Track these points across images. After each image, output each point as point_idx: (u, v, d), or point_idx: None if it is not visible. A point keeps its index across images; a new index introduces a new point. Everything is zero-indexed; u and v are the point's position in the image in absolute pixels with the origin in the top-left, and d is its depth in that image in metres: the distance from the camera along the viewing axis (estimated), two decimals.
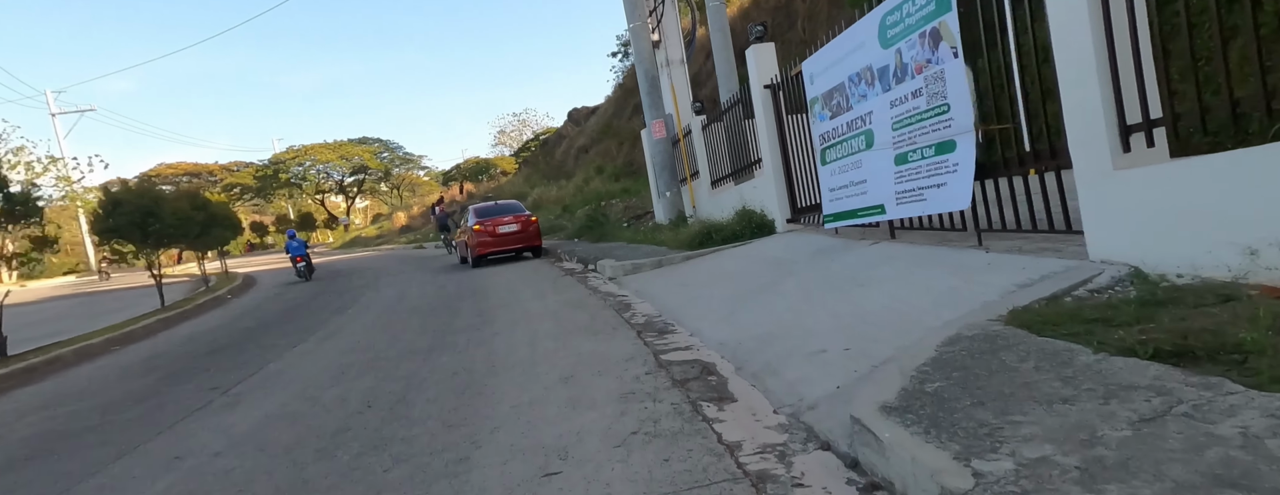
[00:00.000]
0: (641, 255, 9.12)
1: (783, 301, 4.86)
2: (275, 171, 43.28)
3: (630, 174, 25.75)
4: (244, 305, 12.83)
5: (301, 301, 11.77)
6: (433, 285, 11.31)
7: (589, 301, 6.92)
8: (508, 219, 13.32)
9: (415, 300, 9.50)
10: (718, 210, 9.65)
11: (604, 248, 11.57)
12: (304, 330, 8.04)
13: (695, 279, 6.75)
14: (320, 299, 11.79)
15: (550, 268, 11.45)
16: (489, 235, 13.18)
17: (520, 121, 58.88)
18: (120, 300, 17.76)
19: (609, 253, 10.21)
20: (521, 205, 14.26)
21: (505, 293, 8.82)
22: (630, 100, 31.08)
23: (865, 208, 5.58)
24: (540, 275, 10.37)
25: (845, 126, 5.81)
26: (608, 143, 30.59)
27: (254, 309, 11.78)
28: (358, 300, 10.73)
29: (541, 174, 34.01)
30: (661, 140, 10.36)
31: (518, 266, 12.64)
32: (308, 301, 11.63)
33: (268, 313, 10.78)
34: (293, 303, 11.79)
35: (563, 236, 17.28)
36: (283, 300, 12.56)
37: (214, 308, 12.96)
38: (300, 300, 12.03)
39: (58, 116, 45.11)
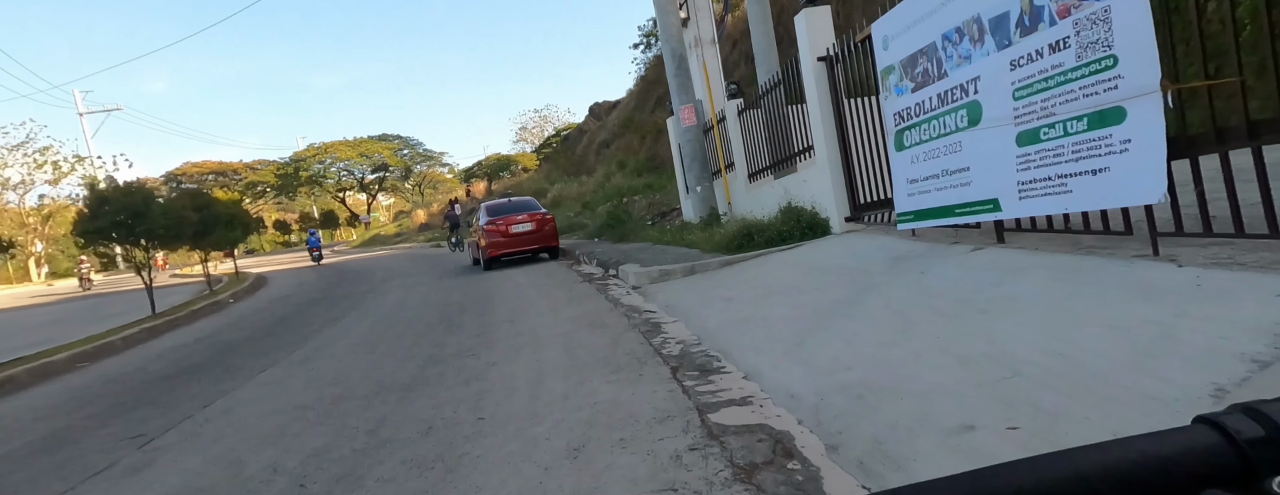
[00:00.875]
0: (670, 259, 7.87)
1: (868, 329, 3.58)
2: (296, 169, 42.71)
3: (653, 169, 24.51)
4: (241, 311, 11.82)
5: (297, 309, 10.71)
6: (437, 291, 10.17)
7: (609, 319, 5.69)
8: (522, 217, 12.14)
9: (414, 310, 8.35)
10: (756, 207, 8.36)
11: (627, 249, 10.33)
12: (284, 347, 6.93)
13: (740, 292, 5.47)
14: (317, 306, 10.72)
15: (567, 272, 10.24)
16: (501, 235, 12.01)
17: (541, 118, 57.89)
18: (128, 303, 16.98)
19: (633, 256, 8.98)
20: (537, 203, 13.09)
21: (514, 303, 7.63)
22: (653, 93, 29.83)
23: (967, 204, 4.26)
24: (555, 281, 9.16)
25: (934, 100, 4.49)
26: (629, 137, 29.34)
27: (247, 317, 10.74)
28: (356, 308, 9.63)
29: (562, 170, 32.90)
30: (691, 128, 9.09)
31: (532, 269, 11.46)
32: (303, 309, 10.57)
33: (258, 322, 9.73)
34: (288, 310, 10.74)
35: (582, 235, 16.08)
36: (280, 307, 11.52)
37: (209, 314, 11.97)
38: (297, 307, 10.97)
39: (85, 116, 45.06)
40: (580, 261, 11.31)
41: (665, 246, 9.38)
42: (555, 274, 10.14)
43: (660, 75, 30.49)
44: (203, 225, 15.36)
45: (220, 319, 11.03)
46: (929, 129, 4.59)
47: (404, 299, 9.90)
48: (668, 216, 12.94)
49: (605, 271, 9.02)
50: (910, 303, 3.76)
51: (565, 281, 8.94)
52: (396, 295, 10.58)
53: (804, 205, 7.01)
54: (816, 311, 4.23)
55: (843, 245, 5.92)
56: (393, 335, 6.59)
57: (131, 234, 11.01)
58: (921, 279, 4.13)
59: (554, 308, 6.76)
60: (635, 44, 30.93)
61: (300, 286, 15.83)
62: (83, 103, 44.72)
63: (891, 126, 5.16)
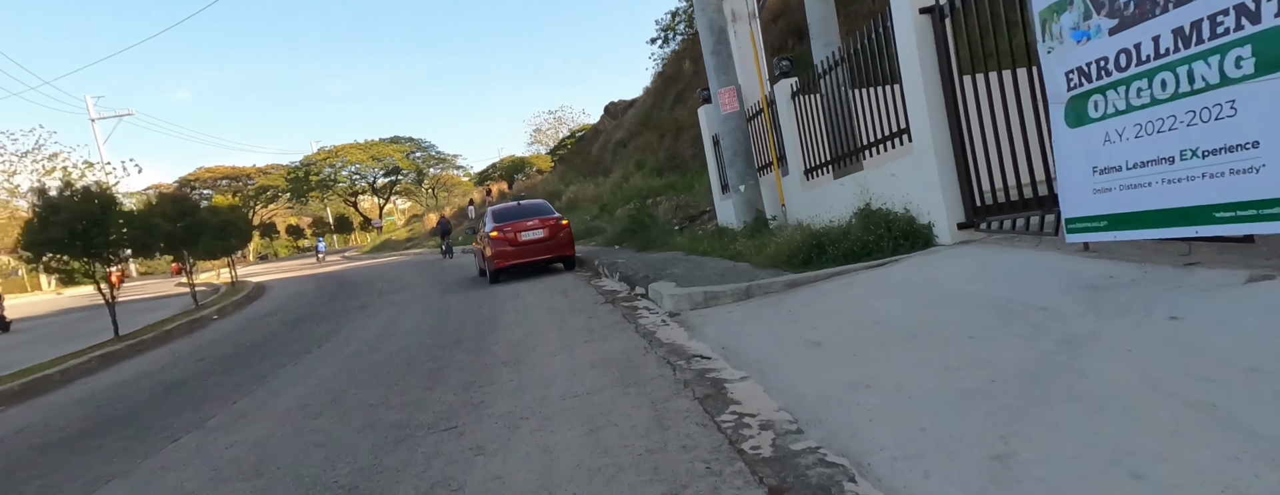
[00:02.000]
0: (713, 276, 6.22)
1: (1144, 432, 1.91)
2: (306, 173, 41.56)
3: (674, 168, 22.86)
4: (214, 333, 10.32)
5: (274, 332, 9.17)
6: (433, 313, 8.57)
7: (647, 368, 4.05)
8: (532, 223, 10.54)
9: (400, 340, 6.76)
10: (818, 209, 6.69)
11: (655, 261, 8.68)
12: (227, 393, 5.37)
13: (832, 330, 3.80)
14: (298, 328, 9.18)
15: (584, 288, 8.61)
16: (509, 244, 10.42)
17: (556, 119, 56.53)
18: None
19: (664, 269, 7.33)
20: (549, 206, 11.48)
21: (518, 332, 6.01)
22: (671, 89, 28.22)
23: (1244, 203, 2.58)
24: (570, 301, 7.53)
25: (1170, 39, 2.81)
26: (647, 136, 27.74)
27: (216, 341, 9.22)
28: (338, 331, 8.07)
29: (577, 171, 31.36)
30: (733, 116, 7.43)
31: (544, 283, 9.84)
32: (281, 332, 9.03)
33: (222, 350, 8.19)
34: (264, 333, 9.21)
35: (600, 241, 14.45)
36: (258, 327, 10.00)
37: (180, 336, 10.47)
38: (275, 329, 9.45)
39: (97, 122, 44.24)
40: (600, 274, 9.67)
41: (701, 257, 7.72)
42: (571, 290, 8.52)
43: (679, 71, 28.87)
44: (188, 233, 13.94)
45: (187, 343, 9.53)
46: (1155, 86, 2.90)
47: (394, 321, 8.32)
48: (697, 221, 11.28)
49: (631, 289, 7.38)
50: (1198, 375, 2.08)
51: (583, 302, 7.31)
52: (387, 315, 9.02)
53: (893, 208, 5.33)
54: (996, 380, 2.56)
55: (970, 263, 4.23)
56: (361, 383, 5.00)
57: (89, 245, 9.53)
58: (1180, 330, 2.44)
59: (569, 344, 5.13)
60: (653, 39, 29.38)
61: (292, 299, 14.35)
62: (94, 108, 43.88)
63: (1061, 91, 3.47)
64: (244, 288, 18.27)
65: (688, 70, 27.30)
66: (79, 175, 36.39)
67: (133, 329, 11.23)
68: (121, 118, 44.85)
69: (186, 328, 11.30)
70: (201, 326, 11.57)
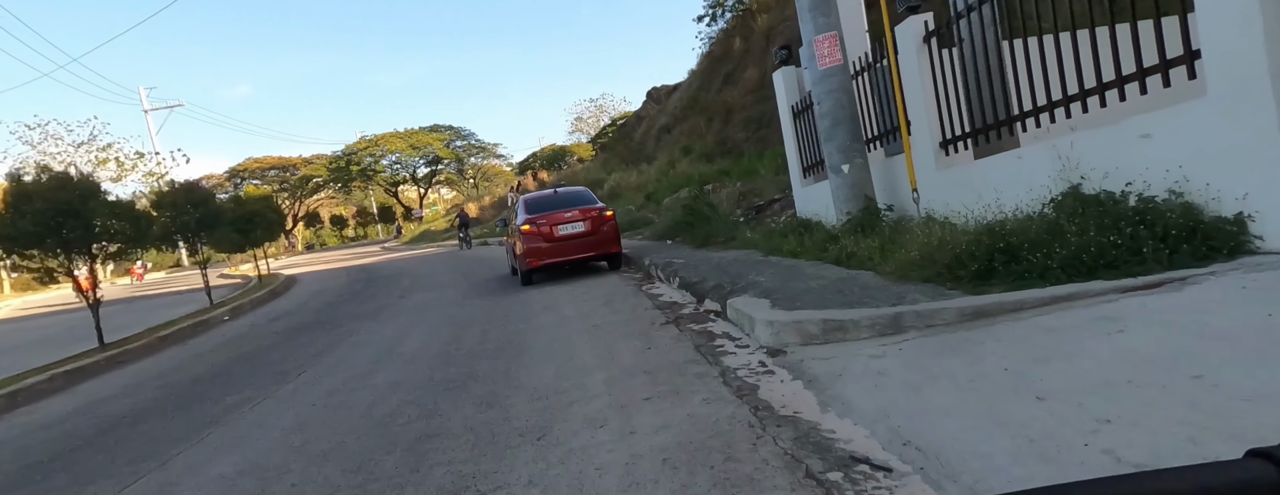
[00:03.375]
0: (822, 289, 4.33)
1: None
2: (347, 163, 40.77)
3: (724, 153, 20.85)
4: (208, 342, 8.87)
5: (264, 348, 7.64)
6: (448, 325, 6.87)
7: (763, 477, 2.21)
8: (571, 215, 8.76)
9: (394, 373, 5.06)
10: (968, 196, 4.71)
11: (724, 262, 6.80)
12: (144, 456, 3.75)
13: (1132, 414, 1.87)
14: (295, 341, 7.64)
15: (635, 295, 6.80)
16: (543, 239, 8.67)
17: (597, 107, 54.87)
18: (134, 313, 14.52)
19: (744, 276, 5.45)
20: (591, 194, 9.69)
21: (548, 374, 4.22)
22: (720, 70, 26.14)
23: None
24: (620, 318, 5.72)
25: None
26: (694, 120, 25.75)
27: (199, 357, 7.74)
28: (328, 352, 6.46)
29: (619, 158, 29.56)
30: (833, 72, 5.42)
31: (585, 287, 8.07)
32: (271, 348, 7.49)
33: (194, 371, 6.67)
34: (253, 348, 7.69)
35: (648, 235, 12.62)
36: (252, 339, 8.50)
37: (171, 345, 9.06)
38: (267, 344, 7.92)
39: (150, 113, 44.29)
40: (652, 276, 7.86)
41: (789, 260, 5.82)
42: (618, 299, 6.72)
43: (728, 50, 26.67)
44: (200, 224, 12.63)
45: (170, 357, 8.07)
46: None
47: (401, 337, 6.67)
48: (766, 211, 9.35)
49: (698, 303, 5.54)
50: None
51: (635, 319, 5.49)
52: (397, 327, 7.38)
53: (1150, 192, 3.34)
54: None
55: None
56: (314, 456, 3.29)
57: (60, 239, 8.14)
58: None
59: (622, 402, 3.32)
60: (699, 17, 27.19)
61: (313, 298, 12.94)
62: (147, 99, 43.88)
63: None
64: (273, 281, 17.07)
65: (738, 49, 25.16)
66: (131, 166, 35.51)
67: (133, 333, 9.94)
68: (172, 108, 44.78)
69: (188, 332, 9.93)
70: (203, 330, 10.18)
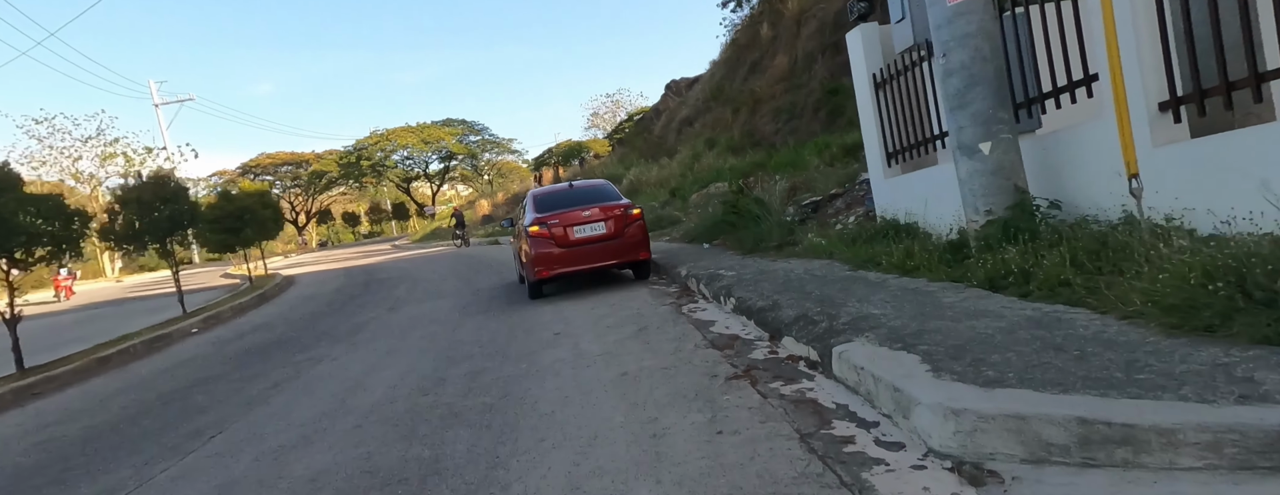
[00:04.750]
0: (994, 332, 2.61)
1: None
2: (358, 158, 39.39)
3: (753, 145, 19.08)
4: (156, 365, 7.29)
5: (200, 381, 6.02)
6: (429, 360, 5.18)
7: None
8: (589, 214, 7.06)
9: (341, 439, 3.39)
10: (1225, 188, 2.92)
11: (794, 277, 5.06)
12: None
13: None
14: (244, 370, 6.04)
15: (675, 320, 5.09)
16: (556, 243, 6.98)
17: (613, 102, 53.17)
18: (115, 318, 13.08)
19: (837, 302, 3.72)
20: (613, 188, 8.00)
21: (560, 460, 2.52)
22: (745, 58, 24.32)
23: None
24: (659, 358, 4.00)
25: None
26: (718, 111, 23.98)
27: (115, 396, 6.14)
28: (270, 397, 4.82)
29: (638, 153, 27.85)
30: (969, 8, 3.67)
31: (608, 304, 6.37)
32: (208, 383, 5.87)
33: (88, 422, 5.06)
34: (185, 383, 6.07)
35: (677, 236, 10.90)
36: (197, 367, 6.89)
37: (98, 373, 7.48)
38: (208, 376, 6.30)
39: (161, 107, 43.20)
40: (691, 292, 6.14)
41: (901, 277, 4.08)
42: (654, 326, 5.01)
43: (754, 38, 24.73)
44: (170, 223, 11.09)
45: (79, 397, 6.49)
46: None
47: (366, 376, 5.01)
48: (826, 209, 7.58)
49: (773, 340, 3.82)
50: None
51: (685, 367, 3.78)
52: (368, 358, 5.73)
53: None
54: None
55: None
56: None
57: None
58: None
59: None
60: (724, 2, 25.37)
61: (296, 307, 11.39)
62: (158, 93, 42.77)
63: None
64: (266, 284, 15.56)
65: (765, 36, 23.33)
66: (140, 161, 34.30)
67: (78, 350, 8.42)
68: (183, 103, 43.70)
69: (140, 350, 8.37)
70: (160, 347, 8.63)
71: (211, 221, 15.07)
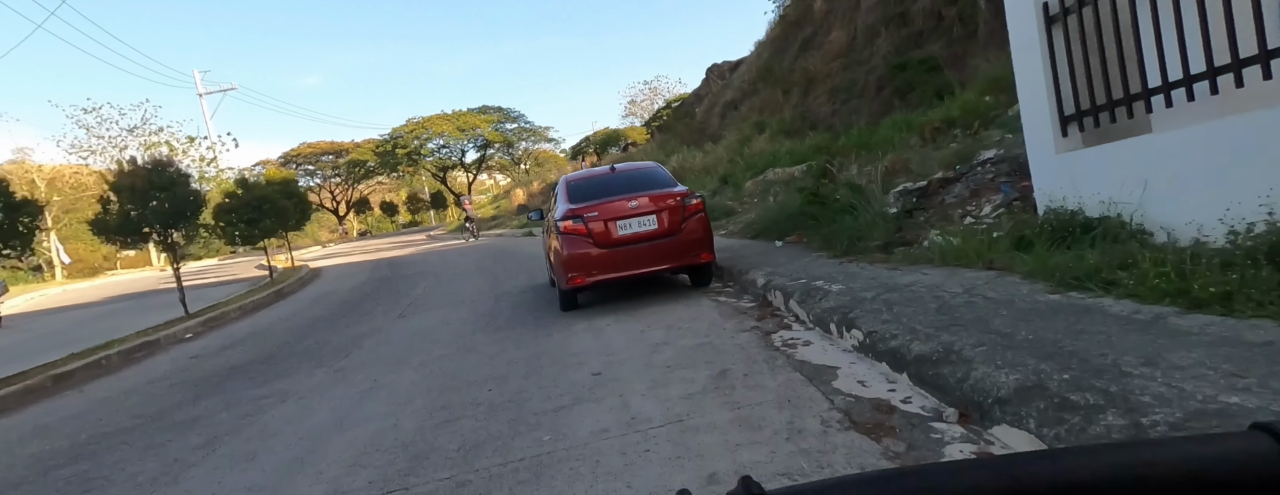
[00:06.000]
0: None
1: None
2: (394, 146, 38.48)
3: (809, 127, 17.23)
4: (107, 389, 5.97)
5: (131, 427, 4.61)
6: (431, 401, 3.64)
7: None
8: (637, 204, 5.43)
9: None
10: None
11: (952, 299, 3.36)
12: None
13: None
14: (199, 404, 4.62)
15: (763, 357, 3.45)
16: (595, 242, 5.38)
17: (651, 90, 51.35)
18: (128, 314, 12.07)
19: (1093, 361, 2.05)
20: (665, 172, 6.35)
21: None
22: (796, 35, 22.31)
23: None
24: (758, 442, 2.37)
25: None
26: (767, 93, 22.07)
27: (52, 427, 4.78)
28: (199, 459, 3.35)
29: (679, 139, 26.12)
30: None
31: (663, 322, 4.76)
32: (134, 433, 4.45)
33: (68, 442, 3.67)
34: (113, 429, 4.67)
35: (735, 230, 9.19)
36: (146, 397, 5.50)
37: (65, 388, 6.20)
38: (147, 414, 4.89)
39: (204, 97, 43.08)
40: (776, 310, 4.48)
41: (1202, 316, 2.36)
42: (735, 370, 3.37)
43: (806, 13, 22.62)
44: (172, 213, 9.88)
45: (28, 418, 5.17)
46: None
47: (335, 429, 3.52)
48: (937, 196, 5.79)
49: (966, 422, 2.15)
50: None
51: (812, 464, 2.15)
52: (349, 394, 4.24)
53: None
54: None
55: None
56: None
57: None
58: None
59: None
60: None
61: (306, 308, 10.10)
62: (201, 83, 42.61)
63: None
64: (287, 279, 14.40)
65: (819, 10, 21.27)
66: (182, 150, 33.73)
67: (47, 361, 7.22)
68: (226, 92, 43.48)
69: (110, 364, 7.11)
70: (136, 360, 7.36)
71: (228, 211, 13.95)
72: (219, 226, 13.68)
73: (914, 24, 15.70)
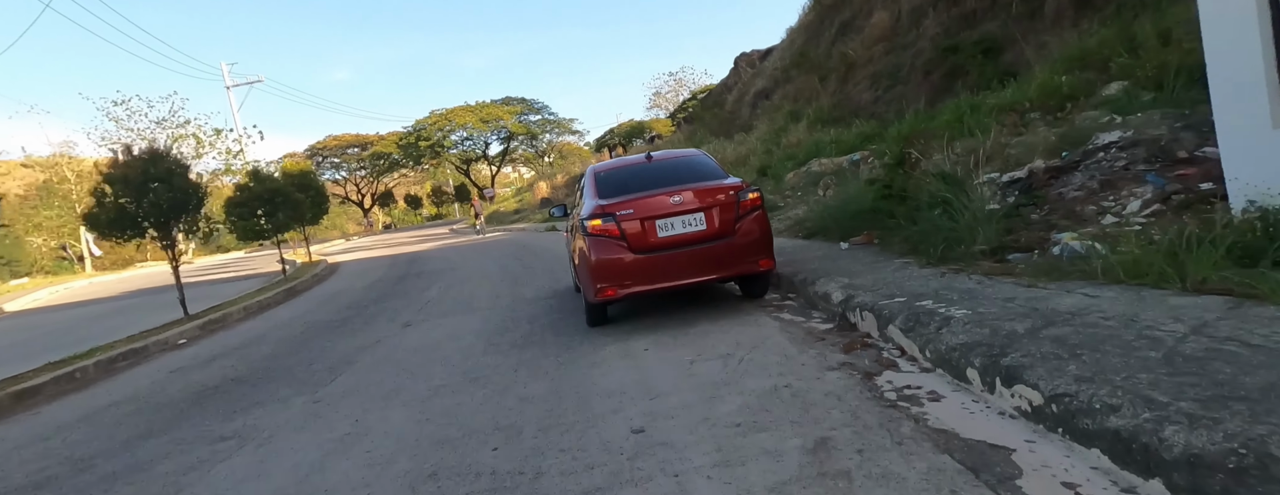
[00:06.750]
0: None
1: None
2: (417, 139, 37.79)
3: (849, 115, 16.02)
4: (55, 418, 5.11)
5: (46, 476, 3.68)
6: (408, 464, 2.65)
7: None
8: (681, 199, 4.39)
9: None
10: None
11: (1187, 345, 2.28)
12: None
13: None
14: (134, 453, 3.69)
15: (880, 426, 2.40)
16: (629, 246, 4.35)
17: (676, 81, 50.00)
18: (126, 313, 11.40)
19: None
20: (711, 161, 5.30)
21: None
22: (833, 19, 20.96)
23: None
24: None
25: None
26: (802, 80, 20.79)
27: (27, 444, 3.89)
28: None
29: (708, 129, 24.97)
30: None
31: (711, 349, 3.72)
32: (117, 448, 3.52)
33: None
34: (63, 457, 3.75)
35: (786, 228, 8.05)
36: (96, 426, 4.58)
37: (16, 411, 5.37)
38: (84, 451, 3.96)
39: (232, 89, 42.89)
40: (863, 335, 3.42)
41: None
42: (841, 441, 2.33)
43: None
44: (170, 206, 9.09)
45: None
46: None
47: None
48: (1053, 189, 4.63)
49: None
50: None
51: None
52: (305, 452, 3.27)
53: None
54: None
55: None
56: None
57: None
58: None
59: None
60: None
61: (313, 310, 9.26)
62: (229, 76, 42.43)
63: None
64: (302, 275, 13.64)
65: None
66: (209, 143, 33.28)
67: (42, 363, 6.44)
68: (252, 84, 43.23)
69: (78, 379, 6.28)
70: (107, 375, 6.52)
71: (239, 205, 13.21)
72: (230, 220, 12.93)
73: (965, 3, 14.30)
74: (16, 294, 21.92)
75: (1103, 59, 8.06)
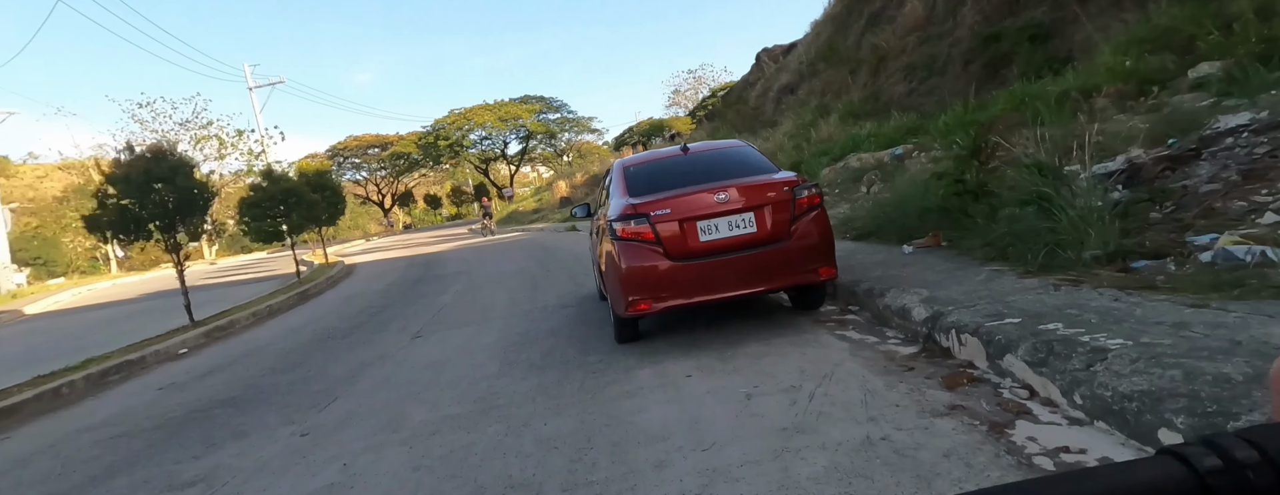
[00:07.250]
0: None
1: None
2: (436, 138, 37.40)
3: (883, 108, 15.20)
4: (76, 421, 4.56)
5: None
6: None
7: None
8: (726, 196, 3.71)
9: None
10: None
11: None
12: None
13: None
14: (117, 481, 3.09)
15: None
16: (666, 252, 3.67)
17: (696, 78, 49.15)
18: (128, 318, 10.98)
19: None
20: (756, 153, 4.61)
21: None
22: (862, 10, 20.03)
23: None
24: None
25: None
26: (830, 74, 19.97)
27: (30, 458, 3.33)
28: None
29: (731, 126, 24.18)
30: None
31: (767, 368, 3.03)
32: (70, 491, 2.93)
33: None
34: (59, 486, 3.17)
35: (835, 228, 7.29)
36: (56, 459, 4.00)
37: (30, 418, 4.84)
38: (69, 483, 3.37)
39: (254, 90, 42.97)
40: (980, 375, 2.71)
41: None
42: None
43: None
44: (177, 207, 8.60)
45: None
46: None
47: None
48: (1166, 180, 3.86)
49: None
50: None
51: None
52: None
53: None
54: None
55: None
56: None
57: None
58: None
59: None
60: None
61: (320, 317, 8.73)
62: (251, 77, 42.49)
63: None
64: (317, 277, 13.17)
65: None
66: (232, 143, 33.02)
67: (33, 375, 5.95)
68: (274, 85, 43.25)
69: (64, 396, 5.75)
70: (94, 391, 6.00)
71: (252, 205, 12.76)
72: (243, 221, 12.47)
73: None
74: (42, 295, 21.85)
75: (1185, 38, 7.20)
